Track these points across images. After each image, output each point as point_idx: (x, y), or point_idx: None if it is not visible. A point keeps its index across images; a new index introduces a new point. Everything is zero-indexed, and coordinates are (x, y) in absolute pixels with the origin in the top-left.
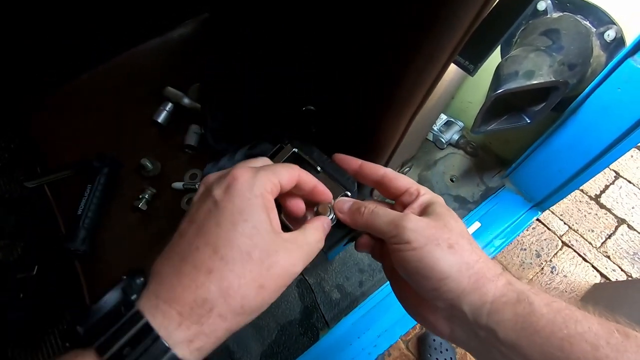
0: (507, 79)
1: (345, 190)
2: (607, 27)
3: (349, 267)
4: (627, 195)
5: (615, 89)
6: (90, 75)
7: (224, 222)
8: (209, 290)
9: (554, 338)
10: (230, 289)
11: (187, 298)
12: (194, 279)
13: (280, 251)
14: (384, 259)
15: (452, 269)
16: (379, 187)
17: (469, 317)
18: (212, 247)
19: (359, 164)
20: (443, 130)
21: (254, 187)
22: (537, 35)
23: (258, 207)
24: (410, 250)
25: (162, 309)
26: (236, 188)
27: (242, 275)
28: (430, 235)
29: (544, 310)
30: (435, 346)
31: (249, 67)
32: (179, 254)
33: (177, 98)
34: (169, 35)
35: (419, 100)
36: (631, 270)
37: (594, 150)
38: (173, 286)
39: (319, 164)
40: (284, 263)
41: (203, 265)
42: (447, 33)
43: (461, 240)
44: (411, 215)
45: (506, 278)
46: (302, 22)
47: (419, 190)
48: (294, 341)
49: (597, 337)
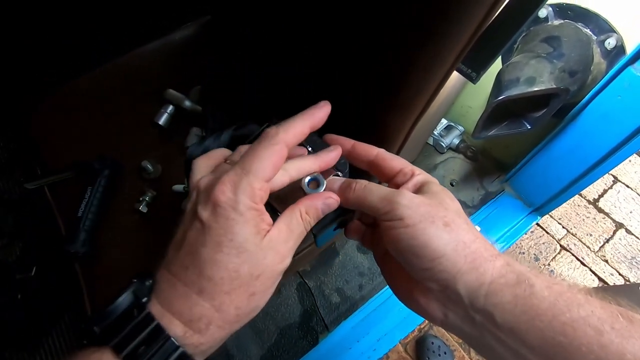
0: (508, 86)
1: (337, 171)
2: (608, 35)
3: (348, 271)
4: (625, 200)
5: (616, 97)
6: (90, 77)
7: (210, 244)
8: (203, 307)
9: (556, 322)
10: (223, 304)
11: (185, 314)
12: (187, 297)
13: (268, 255)
14: (374, 246)
15: (447, 247)
16: (372, 168)
17: (464, 299)
18: (199, 269)
19: (352, 144)
20: (443, 134)
21: (239, 206)
22: (538, 42)
23: (243, 225)
24: (403, 227)
25: (168, 317)
26: (220, 209)
27: (231, 291)
28: (425, 213)
29: (545, 292)
30: (433, 349)
31: (249, 67)
32: (172, 272)
33: (178, 100)
34: (170, 38)
35: (422, 106)
36: (629, 275)
37: (594, 157)
38: (171, 301)
39: (310, 144)
40: (273, 265)
41: (194, 285)
42: (450, 42)
43: (457, 219)
44: (406, 191)
45: (504, 259)
46: (302, 22)
47: (414, 171)
48: (294, 345)
49: (600, 321)
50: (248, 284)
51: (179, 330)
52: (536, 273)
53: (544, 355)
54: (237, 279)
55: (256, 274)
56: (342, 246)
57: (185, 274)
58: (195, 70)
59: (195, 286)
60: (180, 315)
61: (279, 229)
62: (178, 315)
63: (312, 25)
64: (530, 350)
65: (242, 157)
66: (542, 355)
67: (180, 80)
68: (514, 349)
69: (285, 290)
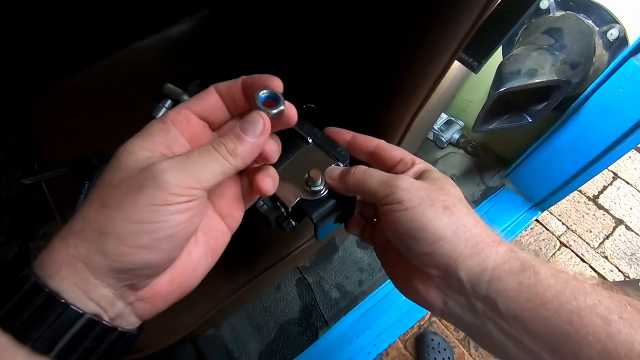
0: (509, 78)
1: (338, 161)
2: (610, 26)
3: (348, 266)
4: (625, 196)
5: (618, 89)
6: (88, 72)
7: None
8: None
9: (562, 310)
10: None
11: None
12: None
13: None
14: (374, 239)
15: (446, 230)
16: (372, 159)
17: (466, 285)
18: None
19: (351, 135)
20: (443, 129)
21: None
22: (540, 33)
23: None
24: (402, 210)
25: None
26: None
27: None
28: (425, 196)
29: (551, 280)
30: (433, 346)
31: (248, 66)
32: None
33: (176, 95)
34: (168, 32)
35: (422, 97)
36: (629, 271)
37: (595, 150)
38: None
39: (310, 136)
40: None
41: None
42: (451, 29)
43: (458, 204)
44: (405, 176)
45: (507, 245)
46: (302, 21)
47: (414, 160)
48: (293, 340)
49: (608, 310)
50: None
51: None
52: (541, 260)
53: (548, 344)
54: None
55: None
56: (341, 242)
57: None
58: (194, 65)
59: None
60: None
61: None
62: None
63: (312, 24)
64: (533, 339)
65: None
66: (546, 344)
67: (179, 75)
68: (517, 338)
69: (284, 286)
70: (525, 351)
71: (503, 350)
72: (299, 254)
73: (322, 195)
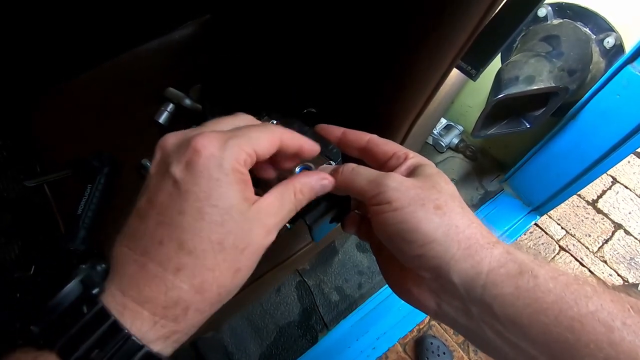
0: (507, 84)
1: (330, 160)
2: (607, 34)
3: (348, 270)
4: (623, 201)
5: (614, 96)
6: (91, 75)
7: (189, 210)
8: (181, 289)
9: (562, 317)
10: (205, 283)
11: (158, 299)
12: (162, 279)
13: (254, 227)
14: (370, 237)
15: (437, 232)
16: (365, 154)
17: (460, 289)
18: (177, 242)
19: (342, 131)
20: (443, 134)
21: (223, 163)
22: (538, 41)
23: (228, 188)
24: (391, 210)
25: (131, 307)
26: (200, 165)
27: (215, 266)
28: (415, 195)
29: (551, 284)
30: (432, 349)
31: (249, 66)
32: (141, 247)
33: (178, 99)
34: (171, 36)
35: (422, 103)
36: (628, 275)
37: (593, 155)
38: (140, 285)
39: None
40: (259, 239)
41: (170, 262)
42: (450, 37)
43: (451, 203)
44: (395, 174)
45: (503, 246)
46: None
47: (407, 154)
48: (293, 343)
49: (611, 316)
50: (234, 259)
51: (147, 324)
52: (539, 262)
53: (547, 351)
54: (222, 252)
55: (242, 247)
56: (341, 245)
57: (160, 250)
58: (196, 69)
59: (172, 263)
60: (152, 303)
61: (269, 200)
62: (149, 304)
63: (313, 30)
64: (531, 345)
65: (235, 129)
66: (545, 351)
67: (181, 79)
68: (514, 342)
69: (284, 289)
70: (523, 355)
71: (500, 353)
72: (299, 257)
73: None
